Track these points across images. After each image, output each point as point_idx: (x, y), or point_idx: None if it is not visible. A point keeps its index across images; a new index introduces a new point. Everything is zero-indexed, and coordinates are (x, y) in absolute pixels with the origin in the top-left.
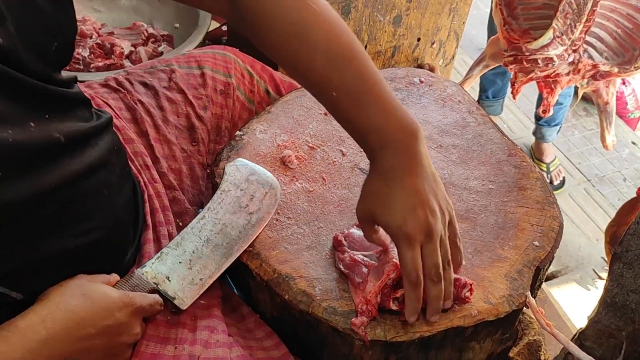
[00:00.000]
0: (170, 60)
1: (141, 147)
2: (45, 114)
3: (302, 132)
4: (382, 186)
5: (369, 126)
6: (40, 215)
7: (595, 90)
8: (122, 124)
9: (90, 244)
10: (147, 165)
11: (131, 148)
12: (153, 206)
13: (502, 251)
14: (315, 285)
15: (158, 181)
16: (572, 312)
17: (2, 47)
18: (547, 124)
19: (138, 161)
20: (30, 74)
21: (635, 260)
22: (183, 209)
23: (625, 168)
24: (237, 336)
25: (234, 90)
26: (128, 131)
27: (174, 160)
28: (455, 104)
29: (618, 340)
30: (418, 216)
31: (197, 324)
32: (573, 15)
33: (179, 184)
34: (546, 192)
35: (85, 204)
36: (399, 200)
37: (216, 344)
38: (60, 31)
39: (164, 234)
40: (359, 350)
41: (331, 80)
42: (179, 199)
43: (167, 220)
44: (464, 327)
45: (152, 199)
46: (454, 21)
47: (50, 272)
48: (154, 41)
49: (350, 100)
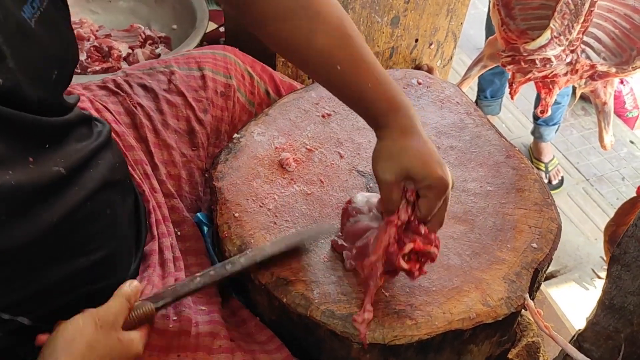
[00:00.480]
0: (169, 61)
1: (141, 154)
2: (45, 144)
3: (300, 135)
4: (408, 142)
5: (378, 94)
6: (44, 246)
7: (593, 91)
8: (122, 129)
9: (95, 263)
10: (147, 174)
11: (131, 156)
12: (157, 217)
13: (501, 253)
14: (313, 289)
15: (158, 191)
16: (570, 312)
17: (2, 87)
18: (546, 124)
19: (139, 169)
20: (31, 108)
21: (633, 263)
22: (181, 217)
23: (624, 167)
24: (239, 341)
25: (234, 92)
26: (128, 137)
27: (173, 166)
28: (453, 106)
29: (616, 342)
30: (447, 169)
31: (199, 330)
32: (570, 15)
33: (177, 190)
34: (544, 193)
35: (89, 228)
36: (430, 153)
37: (219, 350)
38: (60, 59)
39: (167, 246)
40: (357, 353)
41: (334, 54)
42: (177, 207)
43: (169, 231)
44: (463, 329)
45: (155, 210)
46: (451, 22)
47: (55, 296)
48: (151, 43)
49: (357, 72)
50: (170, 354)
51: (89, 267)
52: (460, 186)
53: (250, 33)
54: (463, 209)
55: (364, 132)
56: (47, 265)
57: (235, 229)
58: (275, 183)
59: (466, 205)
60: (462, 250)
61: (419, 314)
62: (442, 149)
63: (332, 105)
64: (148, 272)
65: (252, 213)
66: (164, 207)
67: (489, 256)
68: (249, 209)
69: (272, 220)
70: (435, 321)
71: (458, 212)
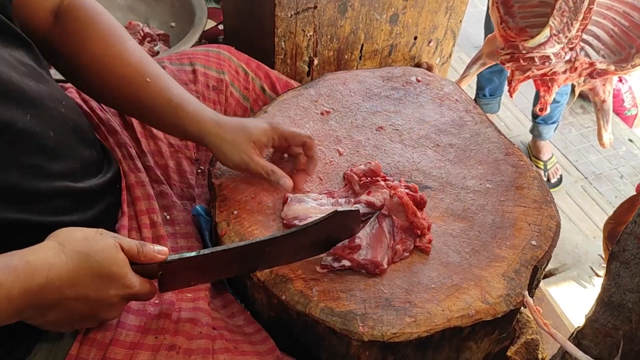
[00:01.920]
0: (162, 58)
1: (126, 138)
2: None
3: None
4: (247, 120)
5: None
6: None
7: (592, 89)
8: (107, 116)
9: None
10: (131, 155)
11: (115, 139)
12: (134, 195)
13: (500, 251)
14: (312, 286)
15: (142, 171)
16: (569, 310)
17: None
18: (544, 122)
19: (122, 151)
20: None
21: (632, 260)
22: (170, 202)
23: (623, 165)
24: (223, 329)
25: (227, 87)
26: (112, 123)
27: (160, 156)
28: (452, 103)
29: (615, 339)
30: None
31: (180, 315)
32: (570, 13)
33: (166, 179)
34: (543, 191)
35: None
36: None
37: (199, 336)
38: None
39: (146, 223)
40: (357, 350)
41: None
42: (166, 192)
43: (152, 209)
44: (462, 327)
45: (134, 187)
46: (450, 19)
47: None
48: (150, 40)
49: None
50: (148, 335)
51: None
52: (459, 184)
53: (248, 31)
54: (462, 207)
55: (363, 129)
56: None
57: (234, 226)
58: None
59: (465, 203)
60: (462, 247)
61: (418, 311)
62: (442, 146)
63: (330, 102)
64: None
65: (251, 210)
66: (148, 187)
67: (488, 254)
68: (248, 207)
69: (271, 217)
70: (434, 318)
71: (457, 209)
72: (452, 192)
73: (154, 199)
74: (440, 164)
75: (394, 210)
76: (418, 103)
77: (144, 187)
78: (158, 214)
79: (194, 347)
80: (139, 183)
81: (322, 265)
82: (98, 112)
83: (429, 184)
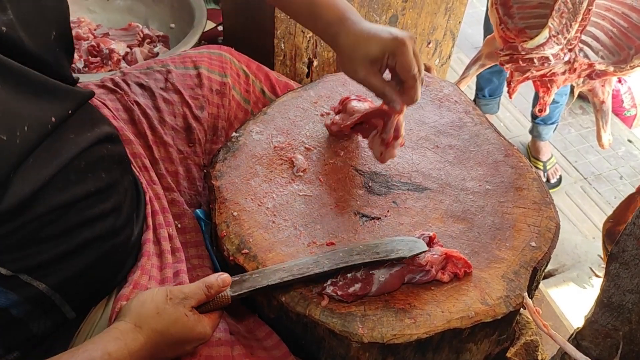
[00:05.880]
0: (166, 61)
1: (139, 148)
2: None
3: (299, 134)
4: (352, 38)
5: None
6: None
7: (591, 89)
8: (120, 124)
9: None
10: (146, 166)
11: (130, 149)
12: (153, 208)
13: (499, 252)
14: (312, 288)
15: (157, 183)
16: (569, 310)
17: (6, 35)
18: (544, 123)
19: (137, 162)
20: (35, 66)
21: (632, 261)
22: (181, 210)
23: (622, 166)
24: (238, 335)
25: (229, 90)
26: (126, 132)
27: (171, 163)
28: (451, 104)
29: (615, 340)
30: (397, 29)
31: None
32: (569, 14)
33: (176, 185)
34: (543, 192)
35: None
36: (372, 30)
37: (218, 342)
38: (56, 16)
39: (165, 236)
40: (356, 351)
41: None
42: (177, 200)
43: (167, 222)
44: (461, 328)
45: (152, 201)
46: (449, 21)
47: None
48: (149, 42)
49: None
50: None
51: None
52: (459, 185)
53: (248, 32)
54: (462, 208)
55: None
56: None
57: (234, 227)
58: (274, 182)
59: (465, 204)
60: (461, 249)
61: (418, 312)
62: (441, 147)
63: (330, 104)
64: (142, 261)
65: (251, 212)
66: (163, 199)
67: (488, 255)
68: (248, 208)
69: (271, 219)
70: (434, 320)
71: (457, 210)
72: (451, 193)
73: (169, 211)
74: (439, 165)
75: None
76: (417, 104)
77: (160, 200)
78: (173, 227)
79: (214, 354)
80: (156, 196)
81: (324, 294)
82: (112, 120)
83: (429, 185)
